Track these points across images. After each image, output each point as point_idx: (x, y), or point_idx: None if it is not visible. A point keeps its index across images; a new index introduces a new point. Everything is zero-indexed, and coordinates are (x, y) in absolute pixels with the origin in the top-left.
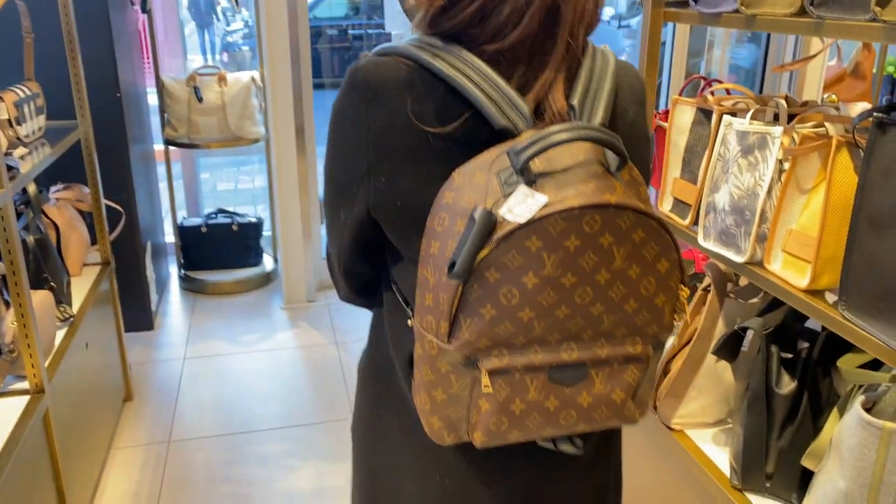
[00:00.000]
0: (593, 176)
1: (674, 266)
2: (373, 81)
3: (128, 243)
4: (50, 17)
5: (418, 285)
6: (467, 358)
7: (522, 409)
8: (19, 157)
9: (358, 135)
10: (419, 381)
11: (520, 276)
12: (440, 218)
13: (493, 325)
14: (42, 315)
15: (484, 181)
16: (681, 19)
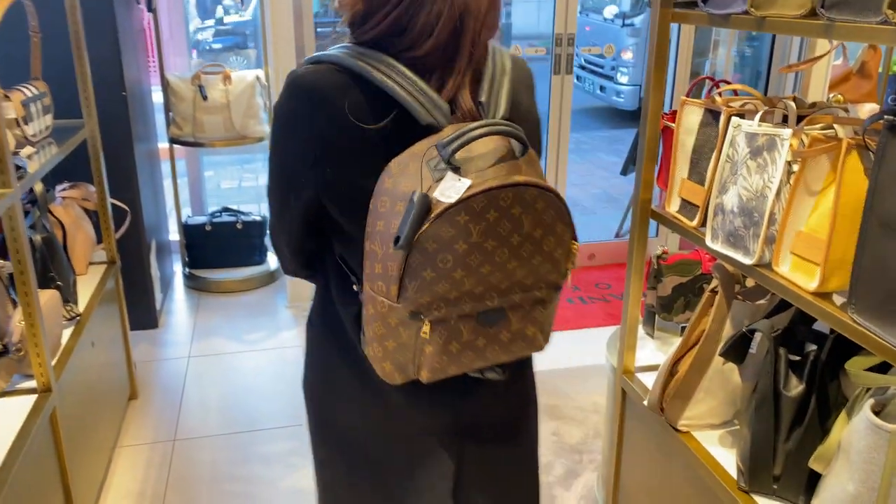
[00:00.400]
0: (503, 161)
1: (567, 226)
2: (316, 88)
3: (133, 242)
4: (56, 16)
5: (366, 257)
6: (413, 313)
7: (458, 349)
8: (27, 157)
9: (306, 135)
10: (371, 335)
11: (452, 244)
12: (382, 201)
13: (432, 284)
14: (49, 314)
15: (417, 169)
16: (689, 20)
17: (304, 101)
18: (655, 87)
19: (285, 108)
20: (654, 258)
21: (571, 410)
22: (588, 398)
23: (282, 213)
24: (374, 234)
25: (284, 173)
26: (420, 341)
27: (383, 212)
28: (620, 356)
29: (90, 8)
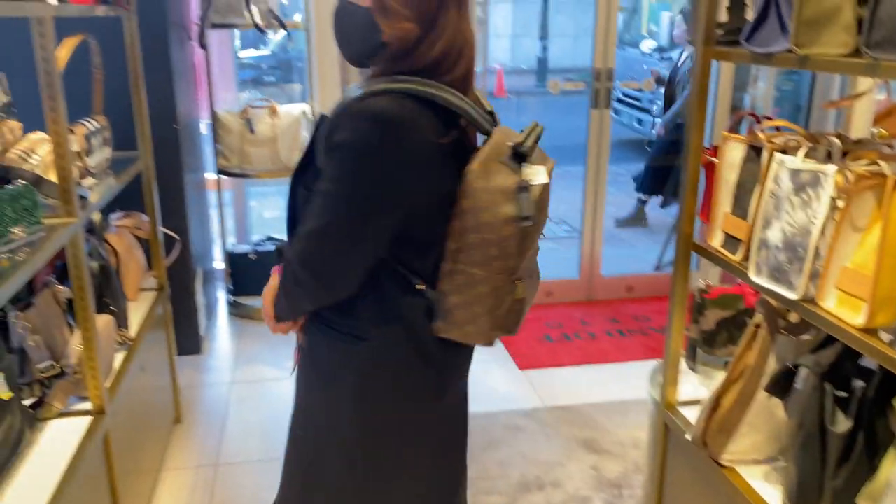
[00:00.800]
0: (540, 154)
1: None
2: (399, 117)
3: (180, 269)
4: (115, 53)
5: (476, 246)
6: (514, 282)
7: (524, 305)
8: (88, 187)
9: (397, 159)
10: (479, 311)
11: (543, 212)
12: (480, 198)
13: (531, 249)
14: (104, 339)
15: (498, 168)
16: (731, 59)
17: (392, 130)
18: (697, 122)
19: (372, 139)
20: (697, 292)
21: (610, 445)
22: (628, 433)
23: (356, 244)
24: (482, 225)
25: (369, 202)
26: (516, 302)
27: (485, 206)
28: (663, 389)
29: (148, 46)
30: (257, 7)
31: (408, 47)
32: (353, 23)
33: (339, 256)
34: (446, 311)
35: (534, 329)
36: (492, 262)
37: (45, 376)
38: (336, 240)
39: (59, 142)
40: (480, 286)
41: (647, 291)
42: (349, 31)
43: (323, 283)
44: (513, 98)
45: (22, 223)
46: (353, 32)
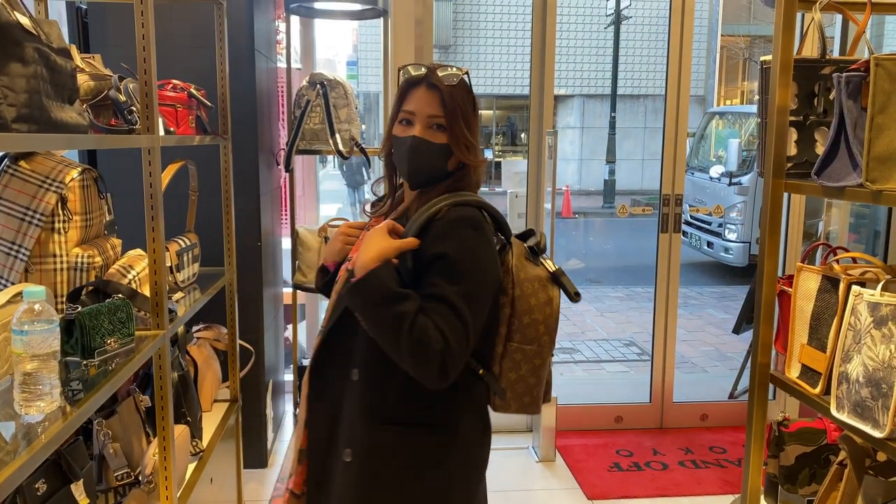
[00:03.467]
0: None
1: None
2: (484, 220)
3: (252, 381)
4: (207, 173)
5: (528, 326)
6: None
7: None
8: (176, 301)
9: (494, 258)
10: (533, 382)
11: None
12: (526, 286)
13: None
14: (179, 448)
15: (525, 262)
16: (802, 191)
17: (487, 233)
18: (769, 251)
19: (480, 241)
20: (775, 424)
21: None
22: None
23: (471, 336)
24: (533, 308)
25: (488, 291)
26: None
27: (531, 292)
28: None
29: (239, 169)
30: (340, 136)
31: (476, 171)
32: (429, 156)
33: (463, 349)
34: (504, 388)
35: (603, 456)
36: (542, 338)
37: (120, 484)
38: (469, 332)
39: (156, 260)
40: (535, 359)
41: (722, 420)
42: (424, 163)
43: (449, 368)
44: (580, 218)
45: (116, 335)
46: (428, 164)
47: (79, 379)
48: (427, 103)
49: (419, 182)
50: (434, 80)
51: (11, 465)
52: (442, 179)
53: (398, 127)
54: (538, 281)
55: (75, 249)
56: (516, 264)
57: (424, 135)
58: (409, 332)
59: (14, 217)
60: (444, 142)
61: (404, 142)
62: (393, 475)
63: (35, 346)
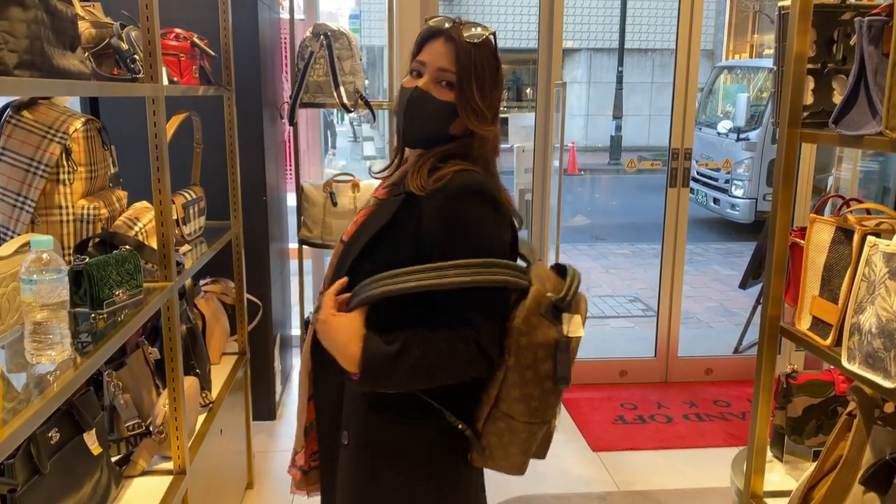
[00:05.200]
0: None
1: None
2: (496, 189)
3: (260, 335)
4: (212, 127)
5: (519, 399)
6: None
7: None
8: (183, 254)
9: (501, 223)
10: (515, 451)
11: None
12: (523, 356)
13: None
14: (189, 399)
15: (539, 321)
16: (819, 141)
17: (499, 200)
18: (783, 203)
19: (494, 205)
20: (783, 377)
21: None
22: None
23: (494, 309)
24: (527, 381)
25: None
26: (548, 433)
27: (528, 364)
28: (747, 479)
29: (243, 123)
30: (344, 88)
31: (482, 144)
32: (427, 112)
33: (493, 324)
34: (484, 447)
35: (607, 410)
36: (534, 413)
37: (131, 434)
38: (491, 311)
39: (162, 211)
40: (521, 433)
41: (727, 375)
42: (421, 117)
43: (489, 352)
44: (586, 175)
45: (124, 286)
46: (424, 119)
47: (88, 331)
48: (440, 55)
49: (414, 140)
50: (454, 33)
51: (24, 412)
52: (442, 142)
53: (408, 78)
54: (544, 349)
55: (81, 201)
56: (521, 326)
57: (429, 88)
58: (437, 368)
59: (19, 168)
60: (450, 100)
61: (405, 93)
62: (388, 460)
63: (44, 295)
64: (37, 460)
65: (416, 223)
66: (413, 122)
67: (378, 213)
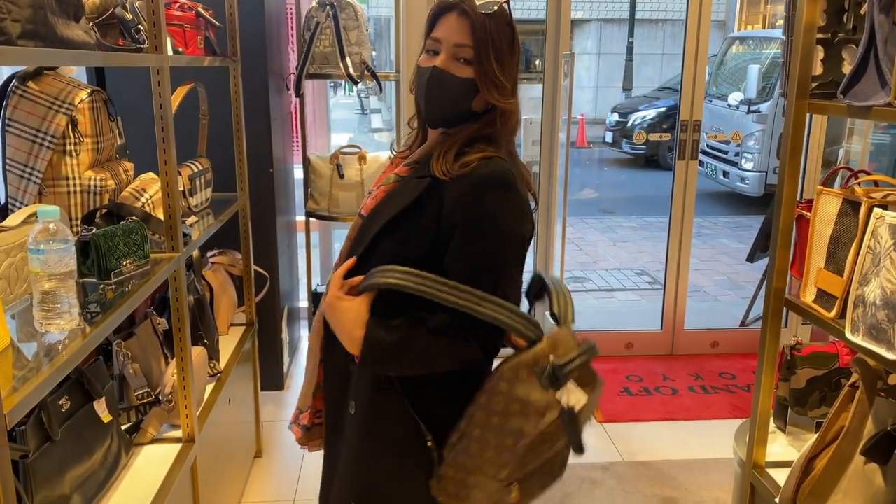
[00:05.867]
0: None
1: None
2: (519, 178)
3: (268, 306)
4: (218, 100)
5: (475, 440)
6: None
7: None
8: (190, 225)
9: (523, 215)
10: (461, 498)
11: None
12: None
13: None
14: (197, 369)
15: (528, 377)
16: (827, 112)
17: (518, 187)
18: (790, 175)
19: (515, 199)
20: (788, 349)
21: None
22: (710, 493)
23: (514, 290)
24: (491, 427)
25: (521, 253)
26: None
27: (499, 410)
28: (750, 449)
29: (248, 94)
30: (351, 59)
31: (506, 118)
32: (448, 91)
33: (511, 292)
34: (441, 476)
35: (613, 381)
36: (487, 462)
37: (141, 403)
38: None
39: (168, 182)
40: (473, 477)
41: (733, 348)
42: (442, 97)
43: (491, 345)
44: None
45: (132, 256)
46: (446, 99)
47: (97, 301)
48: (455, 31)
49: (437, 120)
50: (466, 6)
51: (33, 380)
52: (465, 120)
53: (424, 57)
54: (520, 404)
55: (88, 172)
56: (507, 372)
57: (447, 66)
58: (439, 362)
59: (25, 139)
60: (470, 76)
61: (424, 73)
62: (392, 434)
63: (52, 265)
64: (48, 427)
65: (438, 206)
66: (435, 103)
67: (401, 192)
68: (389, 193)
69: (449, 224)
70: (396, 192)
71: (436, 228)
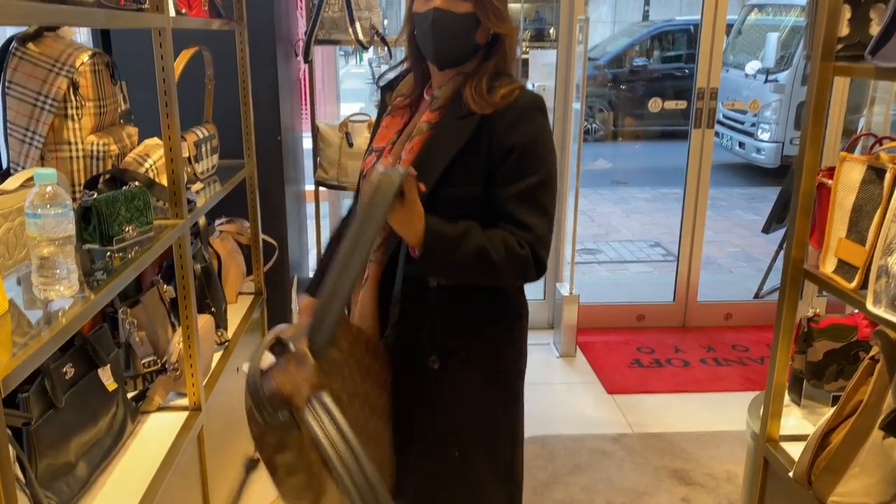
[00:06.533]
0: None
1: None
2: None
3: (277, 276)
4: (224, 65)
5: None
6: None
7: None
8: (195, 192)
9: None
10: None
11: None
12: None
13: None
14: (204, 337)
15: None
16: (854, 74)
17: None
18: (812, 141)
19: (547, 124)
20: (805, 321)
21: (703, 477)
22: (721, 465)
23: (552, 220)
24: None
25: (555, 175)
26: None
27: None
28: (764, 422)
29: (256, 60)
30: (360, 24)
31: (511, 44)
32: (453, 29)
33: (550, 231)
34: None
35: (623, 353)
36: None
37: (147, 371)
38: (551, 217)
39: (171, 147)
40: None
41: (746, 320)
42: (449, 36)
43: (543, 259)
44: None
45: (134, 223)
46: (453, 38)
47: (103, 269)
48: None
49: (447, 60)
50: None
51: (31, 346)
52: (472, 54)
53: (418, 2)
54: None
55: (90, 137)
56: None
57: (446, 5)
58: (496, 260)
59: (26, 102)
60: (470, 10)
61: (425, 17)
62: (480, 370)
63: (49, 229)
64: (51, 394)
65: (488, 140)
66: (443, 44)
67: (445, 136)
68: (430, 141)
69: (500, 152)
70: (439, 138)
71: (486, 162)
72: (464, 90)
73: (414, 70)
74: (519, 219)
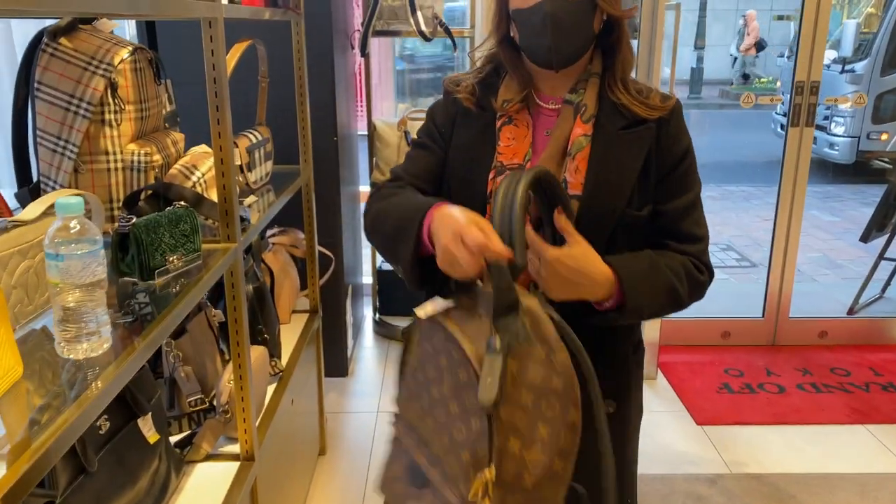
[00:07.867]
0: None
1: None
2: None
3: (331, 287)
4: (276, 61)
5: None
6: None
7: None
8: (248, 206)
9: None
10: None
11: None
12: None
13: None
14: (257, 371)
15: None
16: None
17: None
18: None
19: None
20: None
21: None
22: None
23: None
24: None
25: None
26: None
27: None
28: None
29: (311, 54)
30: (422, 13)
31: (627, 33)
32: (573, 19)
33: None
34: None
35: (711, 376)
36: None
37: (194, 410)
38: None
39: (223, 158)
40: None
41: (843, 338)
42: (571, 28)
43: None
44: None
45: (179, 251)
46: (575, 29)
47: (145, 291)
48: None
49: (567, 57)
50: None
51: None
52: (587, 47)
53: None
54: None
55: (130, 145)
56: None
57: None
58: (682, 295)
59: (58, 107)
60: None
61: (534, 11)
62: (634, 402)
63: (74, 274)
64: (82, 458)
65: (655, 151)
66: (562, 39)
67: (616, 152)
68: (600, 159)
69: (671, 163)
70: (610, 155)
71: (656, 175)
72: (608, 93)
73: (515, 73)
74: (691, 232)
